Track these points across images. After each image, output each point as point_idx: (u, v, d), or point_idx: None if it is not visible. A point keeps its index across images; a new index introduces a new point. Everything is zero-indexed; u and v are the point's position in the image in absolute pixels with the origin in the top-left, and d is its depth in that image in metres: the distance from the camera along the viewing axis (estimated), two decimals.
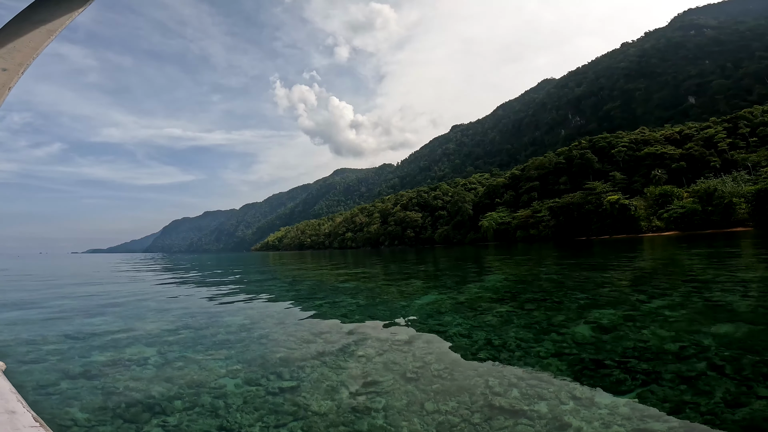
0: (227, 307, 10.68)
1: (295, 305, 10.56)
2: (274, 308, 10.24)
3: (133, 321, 8.79)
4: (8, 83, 1.60)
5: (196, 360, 5.63)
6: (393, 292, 12.40)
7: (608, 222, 73.46)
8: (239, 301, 11.91)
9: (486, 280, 14.74)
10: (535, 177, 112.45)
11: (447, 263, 26.62)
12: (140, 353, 6.06)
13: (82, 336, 7.41)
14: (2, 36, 1.69)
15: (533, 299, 9.36)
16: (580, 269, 16.66)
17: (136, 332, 7.55)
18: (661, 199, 69.16)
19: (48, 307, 11.69)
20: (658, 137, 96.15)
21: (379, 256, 47.77)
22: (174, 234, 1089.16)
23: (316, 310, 9.51)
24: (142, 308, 10.86)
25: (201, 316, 9.25)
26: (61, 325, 8.73)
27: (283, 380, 4.68)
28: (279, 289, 15.09)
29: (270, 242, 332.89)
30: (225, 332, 7.31)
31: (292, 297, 12.59)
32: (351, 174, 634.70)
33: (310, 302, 11.03)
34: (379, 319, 7.95)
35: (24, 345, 6.90)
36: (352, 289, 13.68)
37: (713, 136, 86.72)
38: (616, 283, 11.55)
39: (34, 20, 1.77)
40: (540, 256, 29.50)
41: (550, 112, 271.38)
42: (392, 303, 10.10)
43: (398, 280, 16.36)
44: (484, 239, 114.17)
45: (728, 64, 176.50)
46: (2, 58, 1.62)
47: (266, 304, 11.22)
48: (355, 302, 10.46)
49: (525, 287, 11.98)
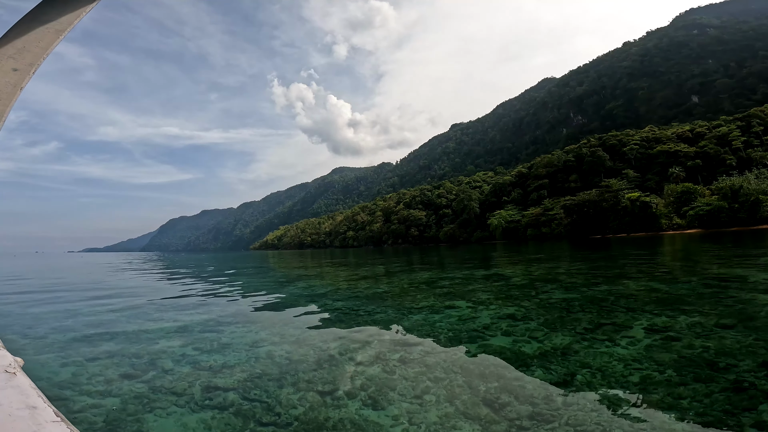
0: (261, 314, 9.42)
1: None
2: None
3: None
4: (20, 83, 1.61)
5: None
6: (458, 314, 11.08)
7: (626, 220, 72.54)
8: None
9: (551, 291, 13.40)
10: (544, 175, 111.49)
11: (483, 263, 25.29)
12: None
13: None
14: (12, 36, 1.69)
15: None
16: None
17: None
18: (683, 196, 68.41)
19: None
20: (669, 135, 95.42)
21: (399, 256, 46.49)
22: (171, 233, 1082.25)
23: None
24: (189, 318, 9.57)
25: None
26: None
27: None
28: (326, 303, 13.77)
29: (269, 241, 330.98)
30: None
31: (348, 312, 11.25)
32: (350, 173, 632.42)
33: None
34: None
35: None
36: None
37: (727, 134, 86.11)
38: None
39: (42, 20, 1.77)
40: (572, 256, 28.25)
41: (551, 111, 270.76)
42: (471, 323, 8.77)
43: (459, 293, 15.04)
44: (492, 238, 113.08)
45: (732, 63, 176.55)
46: (12, 58, 1.63)
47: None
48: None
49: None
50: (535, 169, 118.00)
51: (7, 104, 1.55)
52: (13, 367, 0.97)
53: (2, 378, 0.91)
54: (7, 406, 0.81)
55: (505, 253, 34.35)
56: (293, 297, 12.43)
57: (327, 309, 9.71)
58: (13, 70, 1.60)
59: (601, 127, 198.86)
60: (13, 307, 12.28)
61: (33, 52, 1.67)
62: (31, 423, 0.76)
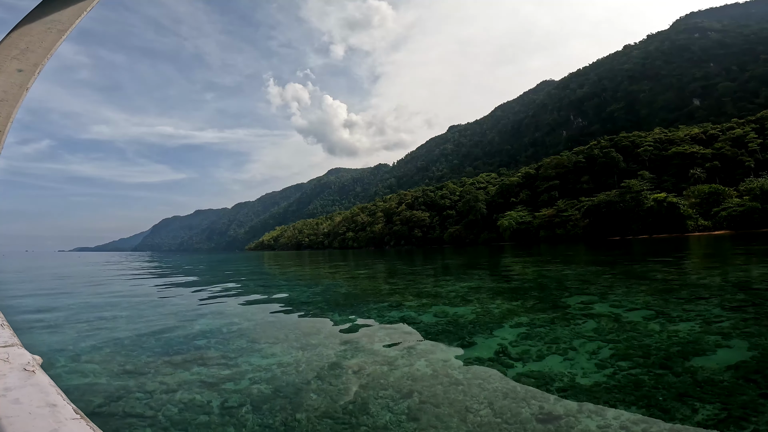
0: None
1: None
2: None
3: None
4: (25, 84, 1.61)
5: None
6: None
7: (649, 221, 70.95)
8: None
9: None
10: (554, 176, 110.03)
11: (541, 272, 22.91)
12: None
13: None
14: (15, 36, 1.69)
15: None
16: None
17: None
18: (711, 197, 67.10)
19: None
20: (682, 137, 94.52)
21: (418, 259, 44.21)
22: (164, 233, 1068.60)
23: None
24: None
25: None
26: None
27: None
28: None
29: (265, 241, 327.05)
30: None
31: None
32: (346, 174, 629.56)
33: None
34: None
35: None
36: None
37: (743, 136, 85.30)
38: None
39: (44, 20, 1.77)
40: (598, 259, 26.04)
41: (550, 113, 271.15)
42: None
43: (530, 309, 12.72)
44: (499, 239, 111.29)
45: (734, 66, 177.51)
46: (16, 59, 1.63)
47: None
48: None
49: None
50: (543, 170, 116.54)
51: (14, 105, 1.55)
52: (31, 366, 0.98)
53: (22, 376, 0.93)
54: (27, 404, 0.82)
55: (549, 257, 32.06)
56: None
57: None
58: (18, 71, 1.60)
59: (601, 130, 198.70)
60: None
61: (37, 52, 1.67)
62: (51, 421, 0.77)
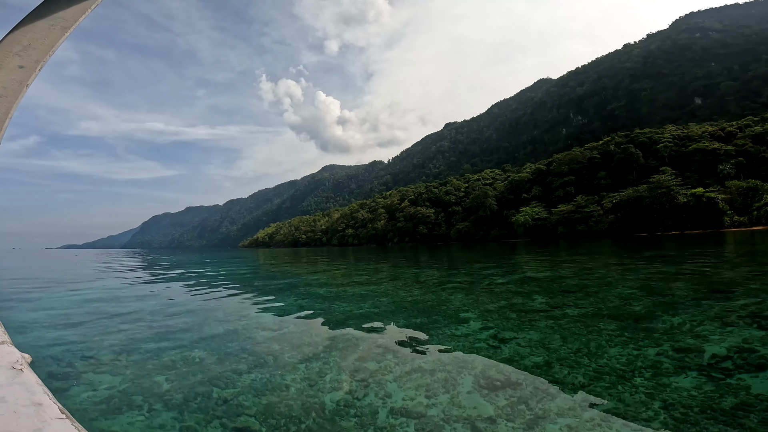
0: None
1: None
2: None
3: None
4: (26, 80, 1.61)
5: None
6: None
7: (683, 216, 69.67)
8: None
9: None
10: (567, 172, 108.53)
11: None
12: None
13: None
14: (18, 33, 1.69)
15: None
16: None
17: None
18: (749, 193, 66.02)
19: None
20: (700, 133, 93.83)
21: (436, 258, 41.41)
22: (154, 230, 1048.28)
23: None
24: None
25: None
26: None
27: None
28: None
29: (260, 238, 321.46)
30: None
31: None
32: (340, 170, 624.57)
33: None
34: None
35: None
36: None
37: (763, 133, 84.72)
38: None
39: (48, 17, 1.77)
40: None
41: (549, 111, 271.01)
42: None
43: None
44: (511, 236, 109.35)
45: (735, 66, 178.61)
46: (18, 55, 1.63)
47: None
48: None
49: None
50: (555, 166, 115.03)
51: (13, 101, 1.54)
52: (20, 364, 0.97)
53: (9, 374, 0.92)
54: (12, 403, 0.81)
55: (608, 257, 29.57)
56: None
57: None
58: (19, 68, 1.59)
59: (602, 128, 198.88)
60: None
61: (39, 49, 1.66)
62: (36, 420, 0.76)
